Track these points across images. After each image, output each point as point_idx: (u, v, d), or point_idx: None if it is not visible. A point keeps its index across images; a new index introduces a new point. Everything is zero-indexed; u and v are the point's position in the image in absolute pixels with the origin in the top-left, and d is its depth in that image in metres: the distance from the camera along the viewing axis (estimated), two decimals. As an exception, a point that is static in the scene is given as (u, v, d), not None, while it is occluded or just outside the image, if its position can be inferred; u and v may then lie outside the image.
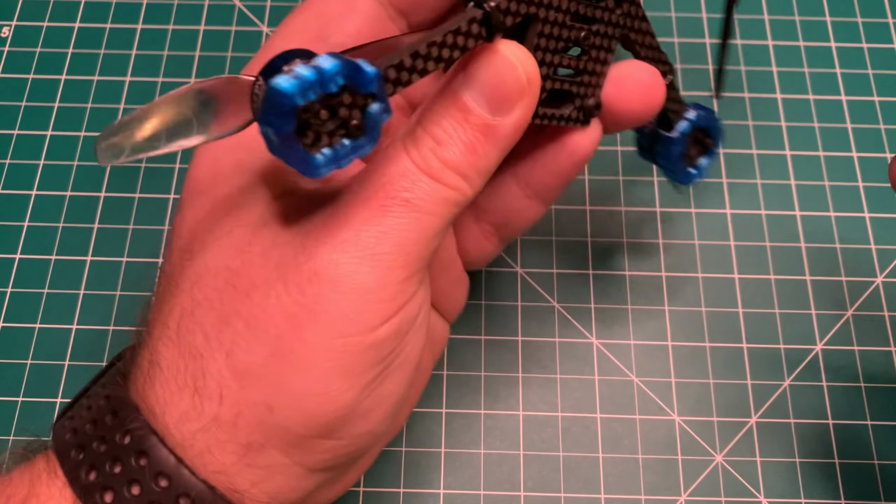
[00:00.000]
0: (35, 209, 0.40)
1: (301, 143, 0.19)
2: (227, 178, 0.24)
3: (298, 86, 0.19)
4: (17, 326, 0.38)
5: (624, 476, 0.35)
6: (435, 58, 0.22)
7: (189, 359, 0.22)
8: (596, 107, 0.26)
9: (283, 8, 0.45)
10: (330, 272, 0.21)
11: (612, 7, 0.26)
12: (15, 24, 0.45)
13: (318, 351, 0.21)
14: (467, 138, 0.22)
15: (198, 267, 0.23)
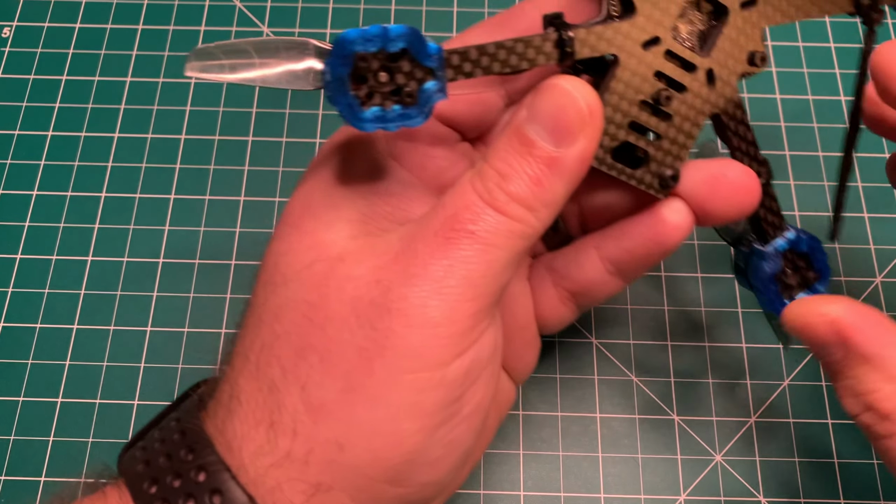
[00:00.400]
0: (36, 209, 0.40)
1: (354, 93, 0.21)
2: (315, 213, 0.24)
3: (360, 35, 0.21)
4: (18, 326, 0.38)
5: (623, 476, 0.35)
6: (501, 60, 0.22)
7: (267, 392, 0.22)
8: (672, 178, 0.26)
9: (283, 8, 0.45)
10: (399, 306, 0.21)
11: (703, 80, 0.25)
12: (16, 24, 0.45)
13: (387, 386, 0.22)
14: (532, 171, 0.22)
15: (279, 299, 0.23)
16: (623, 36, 0.24)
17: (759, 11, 0.26)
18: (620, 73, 0.24)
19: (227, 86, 0.43)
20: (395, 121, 0.22)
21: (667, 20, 0.25)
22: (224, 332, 0.38)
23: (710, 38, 0.26)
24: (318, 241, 0.23)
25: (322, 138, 0.42)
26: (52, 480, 0.35)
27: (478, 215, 0.22)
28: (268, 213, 0.40)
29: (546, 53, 0.23)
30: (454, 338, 0.22)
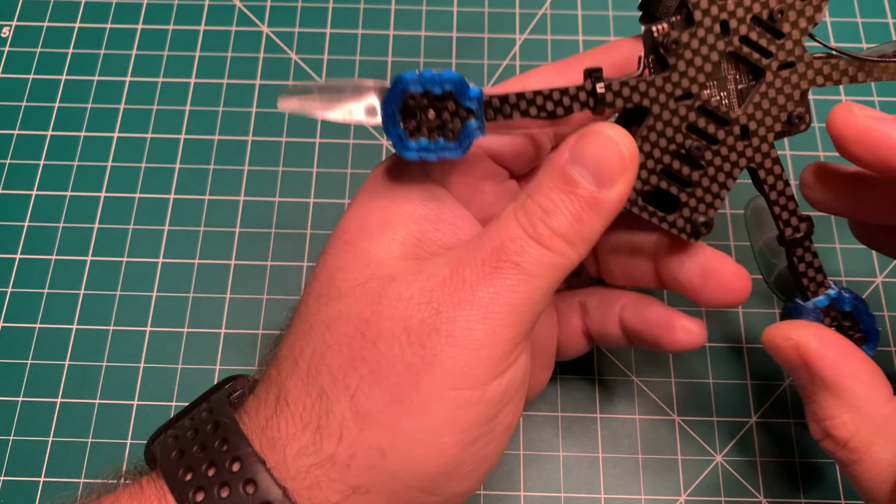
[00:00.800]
0: (35, 209, 0.40)
1: (403, 125, 0.24)
2: (371, 233, 0.26)
3: (414, 77, 0.24)
4: (17, 326, 0.38)
5: (624, 476, 0.35)
6: (538, 105, 0.25)
7: (316, 398, 0.24)
8: (704, 225, 0.27)
9: (283, 8, 0.45)
10: (447, 328, 0.23)
11: (737, 135, 0.26)
12: (15, 24, 0.45)
13: (432, 401, 0.23)
14: (574, 208, 0.24)
15: (332, 311, 0.25)
16: (656, 89, 0.26)
17: (799, 73, 0.26)
18: (653, 124, 0.26)
19: (227, 85, 0.43)
20: (437, 152, 0.24)
21: (700, 77, 0.26)
22: (224, 332, 0.38)
23: (748, 95, 0.26)
24: (372, 259, 0.25)
25: (322, 138, 0.42)
26: (52, 481, 0.35)
27: (523, 248, 0.24)
28: (268, 212, 0.40)
29: (581, 102, 0.25)
30: (495, 360, 0.24)
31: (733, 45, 0.26)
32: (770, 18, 0.26)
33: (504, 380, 0.24)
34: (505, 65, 0.44)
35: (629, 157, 0.25)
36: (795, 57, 0.26)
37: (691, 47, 0.25)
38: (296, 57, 0.44)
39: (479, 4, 0.45)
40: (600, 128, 0.25)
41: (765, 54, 0.26)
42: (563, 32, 0.45)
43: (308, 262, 0.39)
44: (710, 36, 0.25)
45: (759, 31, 0.26)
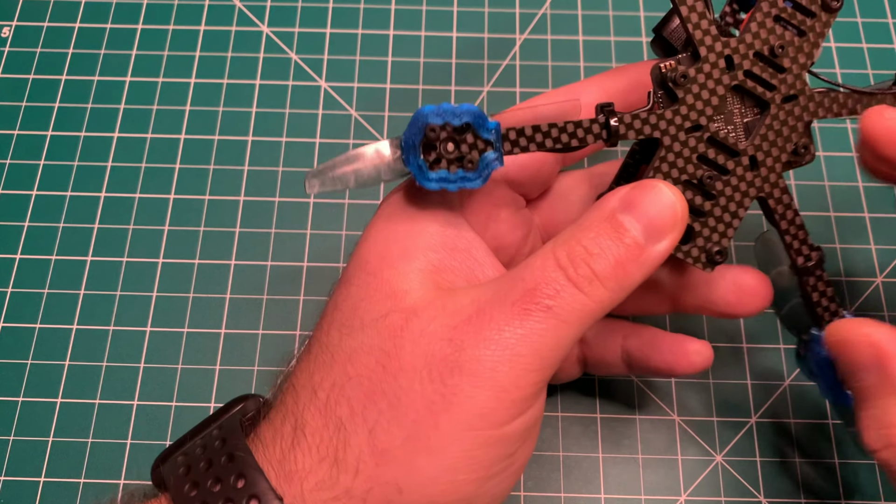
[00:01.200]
0: (35, 209, 0.40)
1: (424, 157, 0.25)
2: (392, 263, 0.26)
3: (433, 110, 0.25)
4: (17, 326, 0.38)
5: (624, 476, 0.35)
6: (554, 138, 0.26)
7: (334, 430, 0.24)
8: (719, 254, 0.28)
9: (283, 8, 0.45)
10: (471, 367, 0.23)
11: (746, 165, 0.27)
12: (15, 24, 0.45)
13: (450, 440, 0.23)
14: (619, 254, 0.24)
15: (355, 343, 0.25)
16: (666, 122, 0.26)
17: (802, 106, 0.27)
18: (664, 155, 0.27)
19: (227, 85, 0.43)
20: (456, 182, 0.25)
21: (708, 110, 0.27)
22: (224, 332, 0.38)
23: (755, 127, 0.27)
24: (394, 290, 0.25)
25: (322, 139, 0.42)
26: (52, 481, 0.35)
27: (557, 292, 0.24)
28: (268, 212, 0.40)
29: (595, 134, 0.26)
30: (517, 402, 0.24)
31: (738, 79, 0.27)
32: (772, 54, 0.27)
33: (523, 420, 0.24)
34: (505, 65, 0.44)
35: (681, 215, 0.25)
36: (797, 90, 0.27)
37: (698, 81, 0.26)
38: (296, 57, 0.44)
39: (480, 4, 0.45)
40: (656, 182, 0.25)
41: (768, 88, 0.27)
42: (564, 32, 0.45)
43: (308, 262, 0.39)
44: (716, 70, 0.26)
45: (762, 66, 0.27)
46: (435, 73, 0.44)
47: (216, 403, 0.37)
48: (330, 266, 0.39)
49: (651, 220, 0.25)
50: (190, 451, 0.26)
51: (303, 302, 0.39)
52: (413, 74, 0.44)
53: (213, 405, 0.37)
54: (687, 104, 0.26)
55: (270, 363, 0.37)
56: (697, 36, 0.26)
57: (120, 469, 0.35)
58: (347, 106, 0.43)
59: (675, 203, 0.25)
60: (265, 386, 0.37)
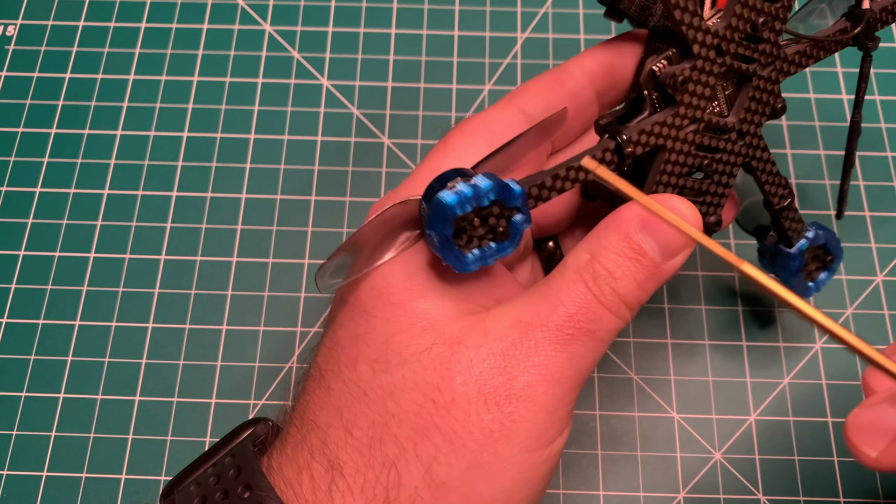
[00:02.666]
0: (39, 206, 0.41)
1: (456, 244, 0.24)
2: (420, 292, 0.25)
3: (458, 200, 0.23)
4: (20, 322, 0.38)
5: (623, 473, 0.35)
6: (572, 178, 0.25)
7: (380, 469, 0.23)
8: (716, 223, 0.29)
9: (285, 7, 0.45)
10: (525, 393, 0.24)
11: (734, 139, 0.28)
12: (20, 22, 0.45)
13: (509, 464, 0.24)
14: (640, 277, 0.25)
15: (394, 379, 0.24)
16: (668, 127, 0.27)
17: (776, 68, 0.28)
18: (668, 157, 0.27)
19: (230, 83, 0.43)
20: (493, 255, 0.24)
21: (703, 103, 0.27)
22: (225, 328, 0.38)
23: (738, 100, 0.28)
24: (431, 322, 0.25)
25: (324, 137, 0.42)
26: (54, 475, 0.35)
27: (598, 316, 0.24)
28: (270, 209, 0.41)
29: (607, 161, 0.26)
30: (564, 419, 0.25)
31: (726, 64, 0.27)
32: (754, 30, 0.27)
33: (565, 434, 0.25)
34: (506, 63, 0.44)
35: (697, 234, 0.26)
36: (774, 55, 0.28)
37: (693, 79, 0.26)
38: (298, 55, 0.44)
39: (481, 3, 0.46)
40: (672, 201, 0.25)
41: (749, 62, 0.27)
42: (565, 31, 0.45)
43: (309, 259, 0.40)
44: (708, 63, 0.27)
45: (745, 43, 0.27)
46: (436, 71, 0.44)
47: (217, 399, 0.37)
48: (331, 263, 0.39)
49: (667, 240, 0.25)
50: (203, 480, 0.25)
51: (304, 299, 0.39)
52: (415, 73, 0.44)
53: (215, 401, 0.37)
54: (685, 104, 0.27)
55: (271, 360, 0.38)
56: (690, 35, 0.26)
57: (121, 464, 0.36)
58: (349, 104, 0.43)
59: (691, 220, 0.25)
60: (266, 382, 0.37)
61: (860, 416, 0.23)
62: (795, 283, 0.33)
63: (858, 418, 0.23)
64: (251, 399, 0.37)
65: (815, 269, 0.34)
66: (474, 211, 0.24)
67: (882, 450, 0.22)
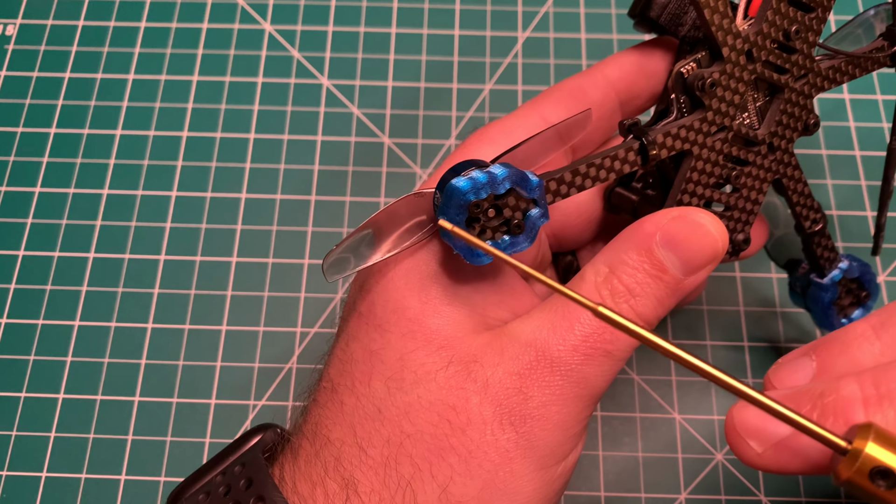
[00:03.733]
0: (39, 206, 0.41)
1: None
2: (436, 308, 0.25)
3: (472, 185, 0.22)
4: (20, 322, 0.38)
5: (624, 474, 0.35)
6: (592, 177, 0.25)
7: (396, 489, 0.23)
8: (745, 241, 0.28)
9: (285, 6, 0.45)
10: (539, 413, 0.24)
11: (765, 153, 0.27)
12: (19, 22, 0.45)
13: (524, 481, 0.24)
14: (659, 294, 0.24)
15: (410, 398, 0.24)
16: (695, 132, 0.26)
17: (810, 83, 0.27)
18: (695, 164, 0.26)
19: (230, 83, 0.43)
20: (507, 249, 0.24)
21: (732, 110, 0.26)
22: (225, 328, 0.38)
23: (769, 112, 0.27)
24: (448, 340, 0.24)
25: (324, 136, 0.42)
26: (54, 476, 0.35)
27: (615, 336, 0.24)
28: (269, 209, 0.40)
29: (630, 162, 0.25)
30: (578, 436, 0.25)
31: (757, 72, 0.26)
32: (786, 38, 0.26)
33: (578, 449, 0.25)
34: (507, 62, 0.44)
35: (722, 249, 0.25)
36: (807, 68, 0.27)
37: (722, 84, 0.26)
38: (298, 55, 0.44)
39: (482, 2, 0.45)
40: (697, 216, 0.25)
41: (782, 72, 0.27)
42: (566, 30, 0.45)
43: (309, 259, 0.39)
44: (738, 68, 0.26)
45: (777, 52, 0.26)
46: (437, 71, 0.44)
47: (217, 400, 0.37)
48: (331, 263, 0.39)
49: (691, 258, 0.24)
50: (212, 489, 0.25)
51: (304, 299, 0.39)
52: (415, 72, 0.44)
53: (214, 401, 0.37)
54: (713, 109, 0.26)
55: (271, 360, 0.38)
56: (720, 37, 0.25)
57: (121, 465, 0.35)
58: (349, 104, 0.43)
59: (717, 240, 0.25)
60: (266, 382, 0.37)
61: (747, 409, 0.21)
62: (828, 318, 0.32)
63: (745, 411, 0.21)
64: (251, 399, 0.37)
65: (849, 304, 0.32)
66: (489, 200, 0.23)
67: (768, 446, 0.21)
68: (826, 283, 0.31)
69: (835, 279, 0.31)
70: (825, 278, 0.31)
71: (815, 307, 0.32)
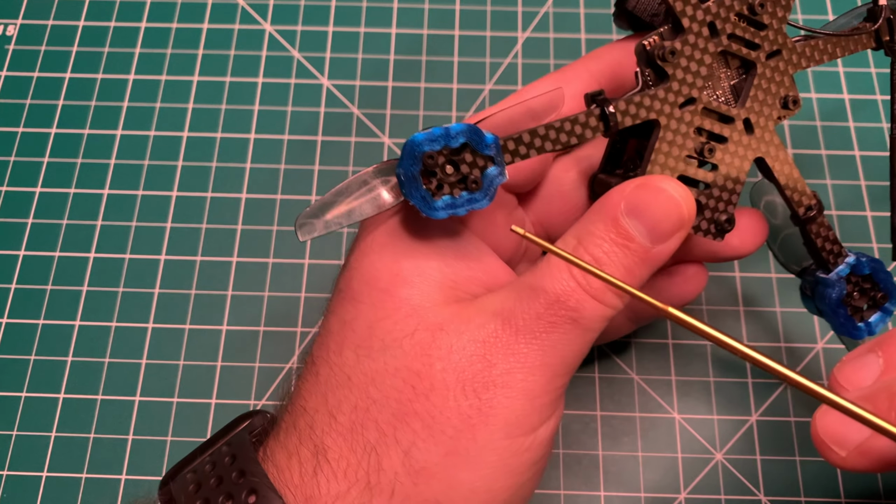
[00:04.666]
0: (39, 206, 0.41)
1: (426, 187, 0.24)
2: (406, 279, 0.25)
3: (426, 136, 0.24)
4: (20, 322, 0.38)
5: (624, 474, 0.35)
6: (552, 139, 0.25)
7: (362, 454, 0.24)
8: (728, 222, 0.28)
9: (285, 6, 0.45)
10: (503, 380, 0.24)
11: (742, 129, 0.27)
12: (20, 22, 0.45)
13: (488, 450, 0.24)
14: (626, 262, 0.24)
15: (376, 365, 0.24)
16: (660, 101, 0.26)
17: (786, 60, 0.28)
18: (664, 135, 0.26)
19: (230, 83, 0.43)
20: (464, 205, 0.24)
21: (698, 81, 0.26)
22: (225, 328, 0.38)
23: (744, 90, 0.27)
24: (415, 308, 0.25)
25: (324, 136, 0.42)
26: (54, 476, 0.35)
27: (580, 304, 0.24)
28: (270, 209, 0.40)
29: (592, 127, 0.25)
30: (546, 406, 0.24)
31: (723, 45, 0.26)
32: (751, 12, 0.26)
33: (551, 423, 0.25)
34: (507, 63, 0.44)
35: (688, 216, 0.25)
36: (780, 44, 0.27)
37: (685, 54, 0.26)
38: (298, 55, 0.44)
39: (482, 2, 0.45)
40: (661, 183, 0.25)
41: (752, 47, 0.27)
42: (565, 30, 0.45)
43: (310, 259, 0.39)
44: (701, 40, 0.26)
45: (744, 26, 0.27)
46: (437, 71, 0.44)
47: (217, 400, 0.37)
48: (332, 264, 0.39)
49: (657, 224, 0.24)
50: (199, 468, 0.25)
51: (304, 299, 0.39)
52: (415, 72, 0.44)
53: (215, 401, 0.37)
54: (678, 79, 0.26)
55: (271, 360, 0.38)
56: (678, 7, 0.26)
57: (122, 464, 0.36)
58: (349, 104, 0.43)
59: (681, 205, 0.25)
60: (266, 382, 0.37)
61: (828, 414, 0.22)
62: (840, 318, 0.30)
63: (827, 417, 0.22)
64: (251, 399, 0.37)
65: (866, 307, 0.30)
66: (444, 154, 0.24)
67: (851, 450, 0.21)
68: (831, 279, 0.30)
69: (840, 274, 0.30)
70: (831, 273, 0.30)
71: (823, 306, 0.30)
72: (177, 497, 0.25)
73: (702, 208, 0.27)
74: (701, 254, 0.31)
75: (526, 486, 0.25)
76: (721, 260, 0.31)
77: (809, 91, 0.43)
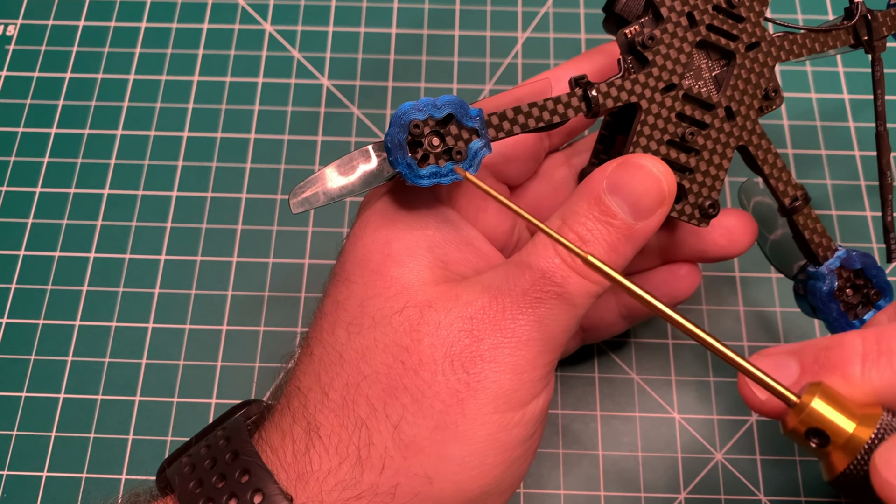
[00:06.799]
0: (39, 206, 0.41)
1: (412, 155, 0.25)
2: (397, 259, 0.26)
3: (412, 106, 0.25)
4: (20, 322, 0.38)
5: (624, 473, 0.35)
6: (535, 117, 0.26)
7: (353, 430, 0.24)
8: (711, 207, 0.28)
9: (285, 6, 0.45)
10: (491, 354, 0.24)
11: (723, 116, 0.28)
12: (20, 22, 0.45)
13: (477, 424, 0.24)
14: (610, 239, 0.25)
15: (366, 341, 0.25)
16: (641, 86, 0.27)
17: (765, 52, 0.28)
18: (644, 118, 0.27)
19: (230, 83, 0.43)
20: (448, 175, 0.25)
21: (678, 68, 0.27)
22: (225, 328, 0.38)
23: (724, 79, 0.28)
24: (405, 286, 0.25)
25: (325, 136, 0.42)
26: (54, 476, 0.35)
27: (565, 279, 0.24)
28: (269, 210, 0.41)
29: (575, 108, 0.26)
30: (535, 381, 0.25)
31: (702, 34, 0.27)
32: (729, 5, 0.27)
33: (541, 399, 0.25)
34: (507, 63, 0.44)
35: (668, 191, 0.26)
36: (758, 37, 0.28)
37: (664, 41, 0.27)
38: (298, 55, 0.44)
39: (482, 3, 0.46)
40: (640, 160, 0.25)
41: (731, 38, 0.28)
42: (565, 31, 0.45)
43: (310, 259, 0.40)
44: (679, 29, 0.27)
45: (722, 18, 0.28)
46: (437, 71, 0.44)
47: (217, 399, 0.37)
48: (332, 263, 0.39)
49: (638, 199, 0.25)
50: (195, 452, 0.26)
51: (304, 299, 0.39)
52: (415, 72, 0.44)
53: (215, 401, 0.37)
54: (658, 65, 0.27)
55: (272, 359, 0.38)
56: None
57: (122, 464, 0.36)
58: (350, 104, 0.43)
59: (661, 180, 0.25)
60: (267, 382, 0.37)
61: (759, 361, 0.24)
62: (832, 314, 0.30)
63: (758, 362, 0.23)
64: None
65: (859, 304, 0.30)
66: (429, 124, 0.25)
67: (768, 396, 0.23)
68: (821, 272, 0.30)
69: (830, 266, 0.30)
70: (821, 266, 0.30)
71: (815, 301, 0.30)
72: (172, 480, 0.25)
73: (685, 193, 0.28)
74: (690, 253, 0.31)
75: (517, 463, 0.25)
76: (711, 260, 0.31)
77: (809, 91, 0.43)
